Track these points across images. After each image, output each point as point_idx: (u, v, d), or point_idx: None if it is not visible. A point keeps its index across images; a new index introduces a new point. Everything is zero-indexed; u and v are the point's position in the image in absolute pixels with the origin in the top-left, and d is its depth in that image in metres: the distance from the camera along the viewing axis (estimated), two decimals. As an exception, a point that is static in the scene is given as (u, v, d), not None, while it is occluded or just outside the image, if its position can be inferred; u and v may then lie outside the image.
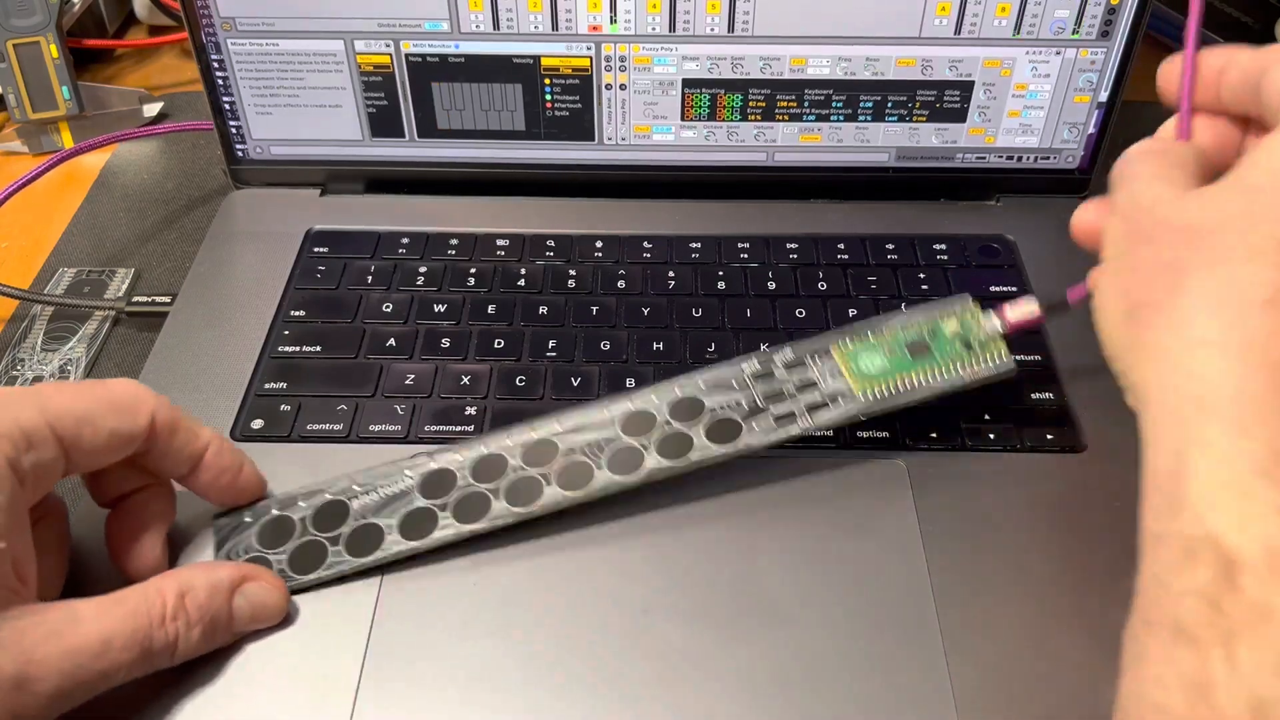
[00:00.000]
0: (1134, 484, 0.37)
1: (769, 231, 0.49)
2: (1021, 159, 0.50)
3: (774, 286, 0.46)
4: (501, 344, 0.43)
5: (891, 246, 0.48)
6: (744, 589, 0.34)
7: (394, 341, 0.43)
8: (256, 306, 0.45)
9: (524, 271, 0.47)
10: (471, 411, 0.40)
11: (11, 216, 0.53)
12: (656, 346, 0.43)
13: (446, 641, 0.33)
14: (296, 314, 0.45)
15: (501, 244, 0.48)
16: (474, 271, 0.47)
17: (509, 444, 0.36)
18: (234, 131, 0.50)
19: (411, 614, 0.34)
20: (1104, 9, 0.46)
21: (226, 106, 0.49)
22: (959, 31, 0.46)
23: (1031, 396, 0.41)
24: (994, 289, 0.46)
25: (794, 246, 0.48)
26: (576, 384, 0.41)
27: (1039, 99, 0.48)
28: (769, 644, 0.33)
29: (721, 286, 0.46)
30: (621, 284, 0.46)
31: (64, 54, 0.56)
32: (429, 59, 0.48)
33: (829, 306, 0.45)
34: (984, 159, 0.50)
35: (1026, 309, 0.36)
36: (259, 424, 0.40)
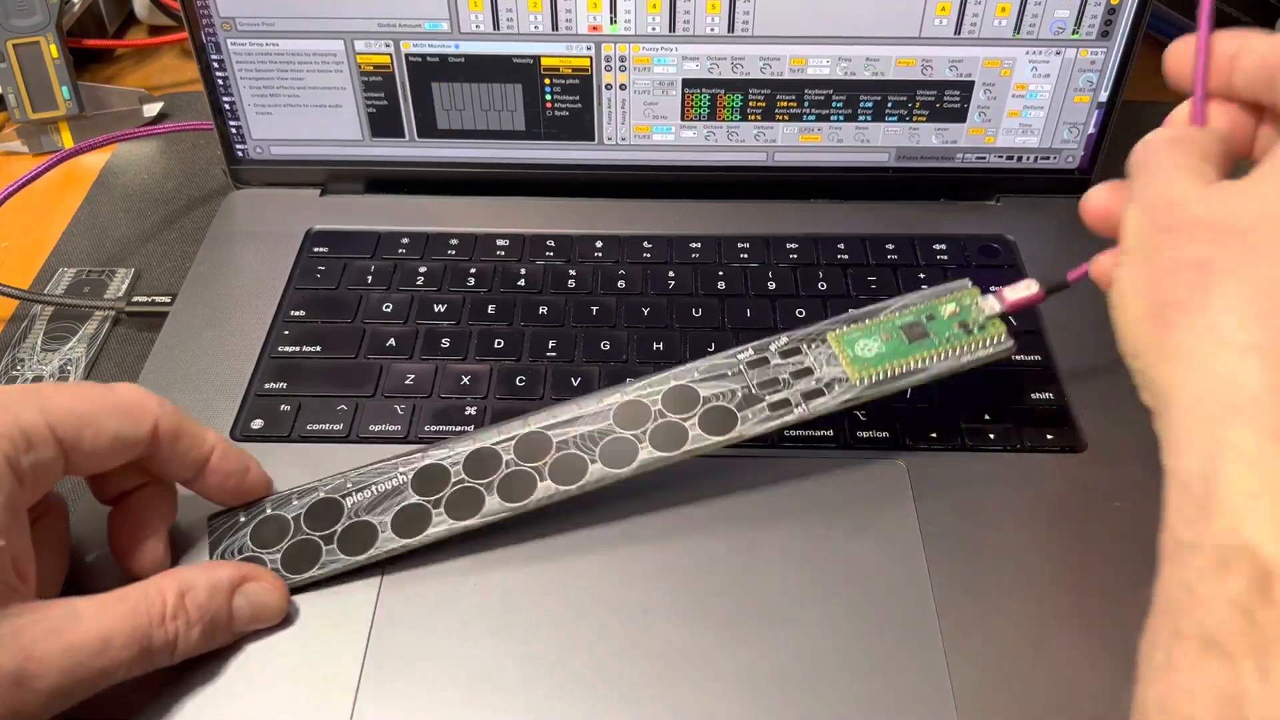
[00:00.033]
0: (1134, 484, 0.37)
1: (769, 231, 0.49)
2: (1021, 159, 0.50)
3: (774, 286, 0.46)
4: (501, 344, 0.43)
5: (891, 246, 0.48)
6: (744, 589, 0.34)
7: (394, 341, 0.43)
8: (256, 306, 0.45)
9: (524, 271, 0.47)
10: (471, 411, 0.40)
11: (11, 216, 0.53)
12: (656, 346, 0.43)
13: (446, 641, 0.33)
14: (296, 314, 0.45)
15: (501, 244, 0.48)
16: (474, 271, 0.47)
17: (502, 439, 0.36)
18: (234, 131, 0.50)
19: (411, 614, 0.34)
20: (1104, 9, 0.46)
21: (226, 106, 0.49)
22: (959, 31, 0.46)
23: (1031, 396, 0.41)
24: (994, 289, 0.46)
25: (794, 246, 0.48)
26: (576, 384, 0.41)
27: (1039, 99, 0.48)
28: (769, 644, 0.33)
29: (721, 286, 0.46)
30: (621, 284, 0.46)
31: (64, 54, 0.56)
32: (429, 59, 0.48)
33: (829, 306, 0.45)
34: (984, 159, 0.50)
35: (1026, 288, 0.36)
36: (259, 424, 0.40)
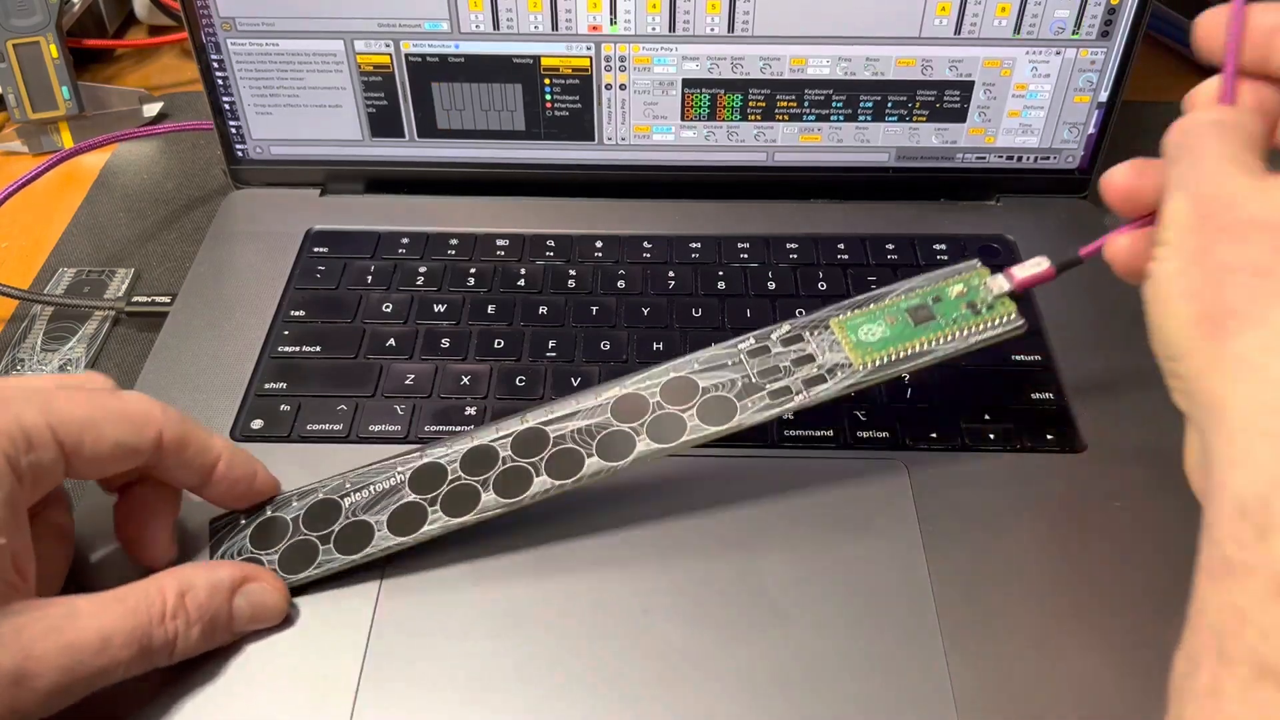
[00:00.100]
0: (1133, 484, 0.37)
1: (769, 231, 0.49)
2: (1021, 159, 0.50)
3: (774, 286, 0.46)
4: (501, 344, 0.43)
5: (891, 246, 0.48)
6: (744, 589, 0.34)
7: (394, 341, 0.43)
8: (256, 306, 0.45)
9: (524, 271, 0.47)
10: (471, 411, 0.40)
11: (11, 216, 0.53)
12: (656, 346, 0.43)
13: (446, 642, 0.33)
14: (296, 314, 0.45)
15: (501, 244, 0.48)
16: (474, 271, 0.47)
17: (500, 436, 0.36)
18: (234, 131, 0.50)
19: (411, 614, 0.34)
20: (1104, 9, 0.46)
21: (226, 106, 0.49)
22: (959, 31, 0.46)
23: (1031, 396, 0.41)
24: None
25: (794, 246, 0.48)
26: (576, 384, 0.41)
27: (1039, 99, 0.48)
28: (769, 644, 0.33)
29: (721, 286, 0.46)
30: (621, 284, 0.46)
31: (64, 54, 0.56)
32: (429, 59, 0.48)
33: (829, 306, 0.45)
34: (984, 159, 0.50)
35: (1037, 266, 0.34)
36: (259, 424, 0.40)
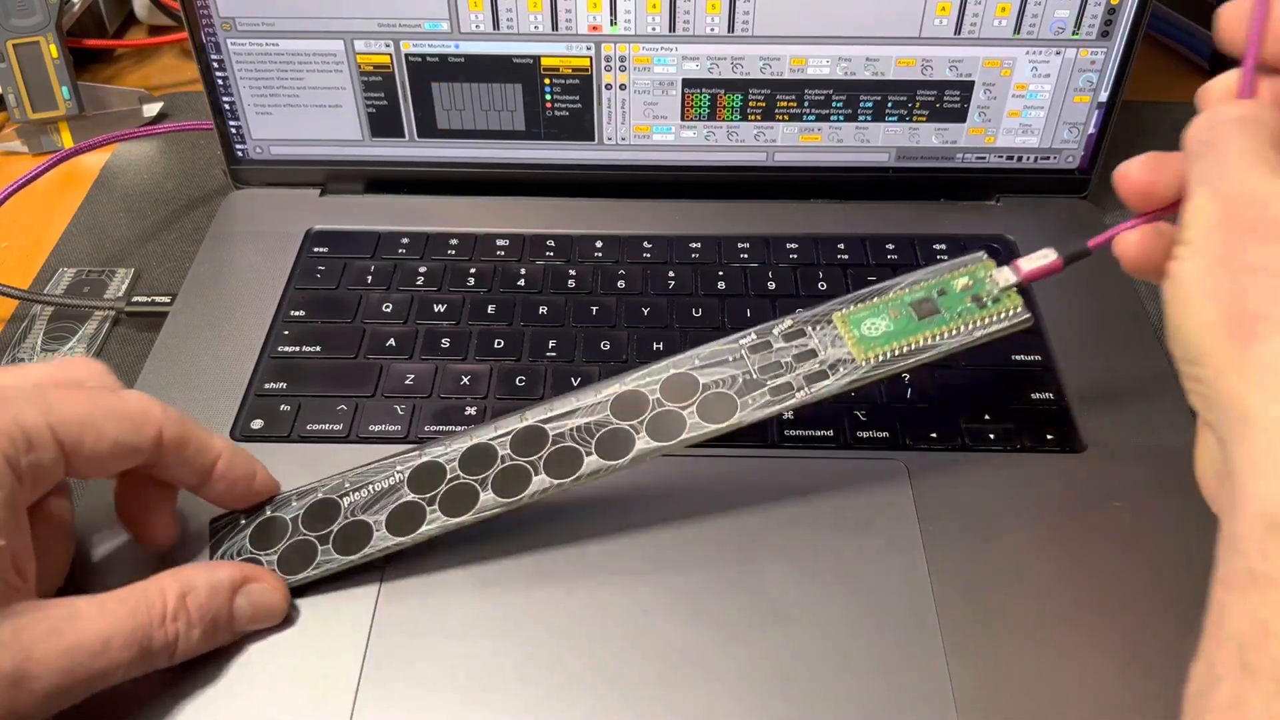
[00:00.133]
0: (1133, 484, 0.37)
1: (769, 231, 0.49)
2: (1021, 159, 0.50)
3: (774, 286, 0.46)
4: (501, 344, 0.43)
5: (891, 246, 0.48)
6: (744, 589, 0.34)
7: (394, 341, 0.43)
8: (256, 306, 0.45)
9: (524, 271, 0.47)
10: (471, 412, 0.40)
11: (11, 216, 0.53)
12: (656, 346, 0.43)
13: (446, 642, 0.33)
14: (296, 314, 0.45)
15: (501, 244, 0.48)
16: (474, 271, 0.47)
17: (499, 434, 0.35)
18: (234, 131, 0.50)
19: (411, 614, 0.34)
20: (1104, 9, 0.46)
21: (226, 106, 0.49)
22: (959, 31, 0.46)
23: (1031, 396, 0.41)
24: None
25: (794, 246, 0.48)
26: (576, 384, 0.41)
27: (1039, 99, 0.48)
28: (769, 644, 0.33)
29: (721, 286, 0.46)
30: (621, 284, 0.46)
31: (64, 54, 0.56)
32: (429, 59, 0.48)
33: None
34: (984, 159, 0.50)
35: (1044, 258, 0.34)
36: (259, 424, 0.40)
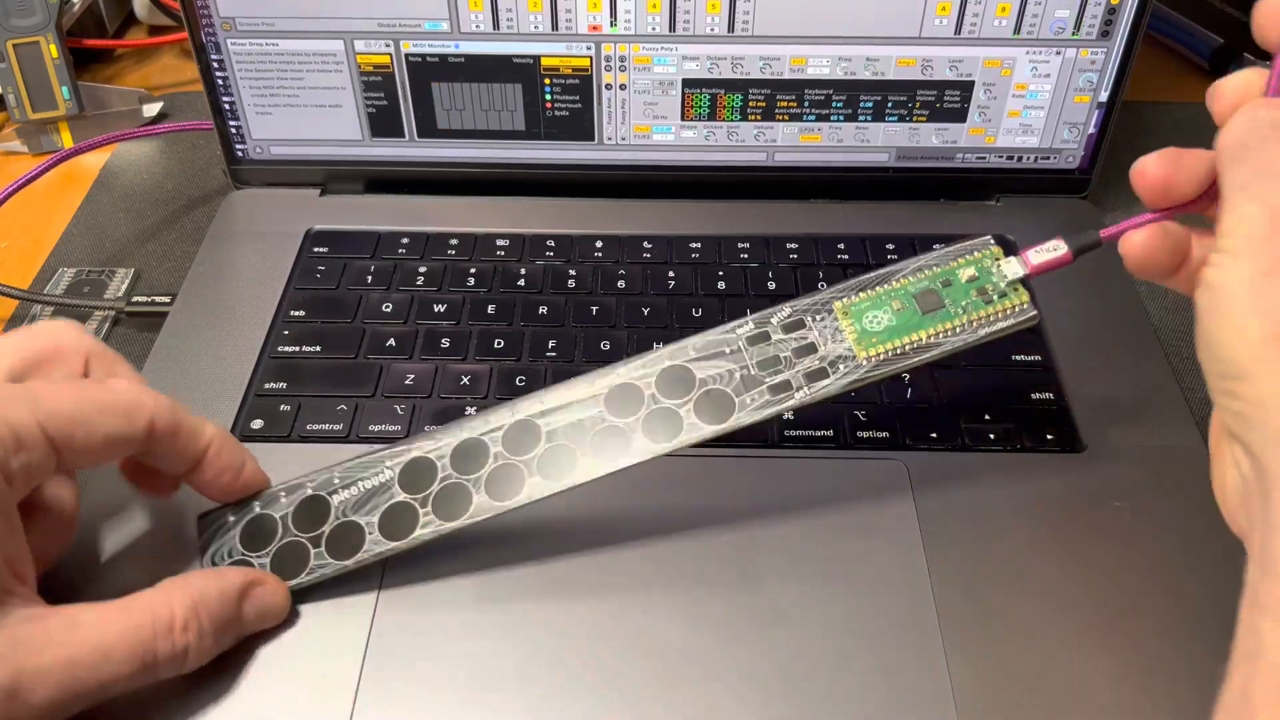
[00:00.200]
0: (1133, 484, 0.37)
1: (769, 231, 0.49)
2: (1021, 159, 0.50)
3: (774, 286, 0.46)
4: (501, 344, 0.43)
5: (892, 246, 0.48)
6: (744, 589, 0.34)
7: (394, 341, 0.43)
8: (256, 306, 0.45)
9: (524, 271, 0.47)
10: (471, 412, 0.40)
11: (11, 216, 0.53)
12: (656, 346, 0.43)
13: (446, 642, 0.33)
14: (296, 314, 0.45)
15: (501, 244, 0.48)
16: (474, 271, 0.47)
17: (490, 429, 0.34)
18: (234, 131, 0.50)
19: (411, 614, 0.34)
20: (1104, 9, 0.46)
21: (226, 106, 0.49)
22: (959, 31, 0.46)
23: (1031, 396, 0.41)
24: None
25: (794, 246, 0.48)
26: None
27: (1039, 99, 0.48)
28: (769, 644, 0.33)
29: (721, 286, 0.46)
30: (621, 284, 0.46)
31: (64, 54, 0.56)
32: (429, 59, 0.48)
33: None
34: (984, 159, 0.50)
35: (1053, 250, 0.32)
36: (259, 424, 0.40)
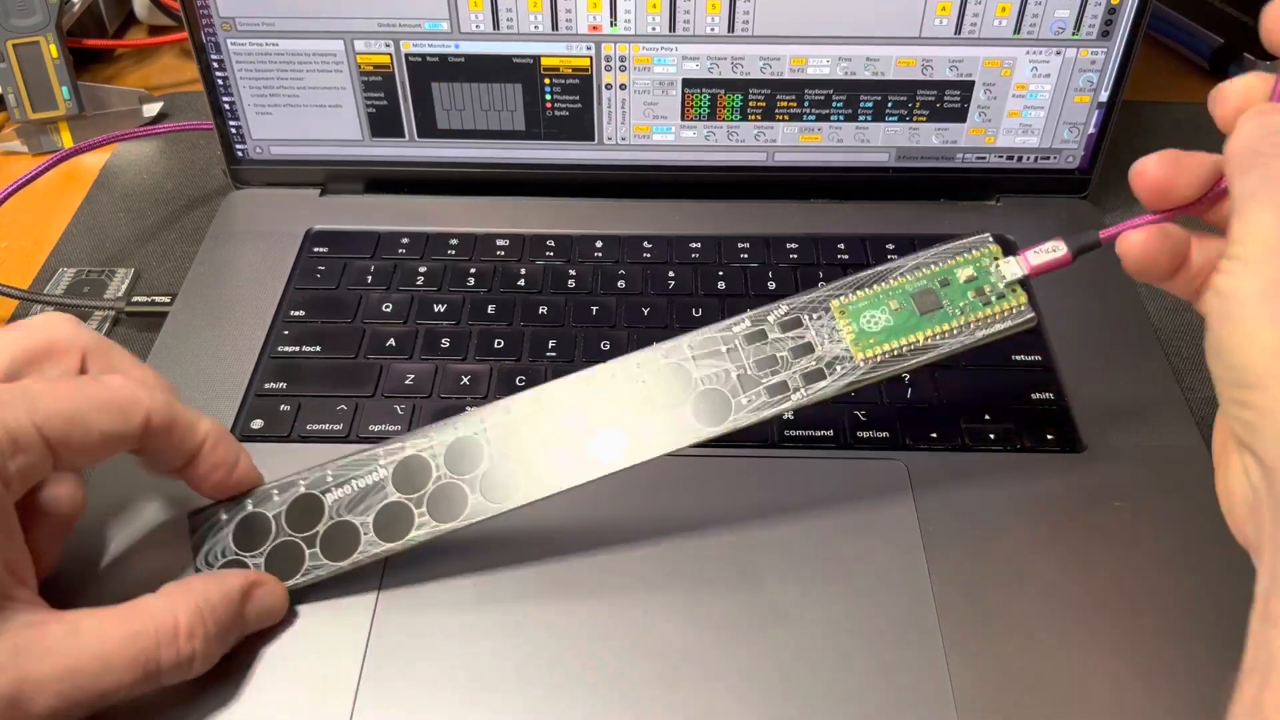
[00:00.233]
0: (1133, 484, 0.37)
1: (769, 231, 0.49)
2: (1021, 159, 0.50)
3: (774, 286, 0.46)
4: (501, 344, 0.43)
5: (892, 246, 0.48)
6: (744, 589, 0.34)
7: (394, 341, 0.43)
8: (256, 306, 0.45)
9: (524, 271, 0.47)
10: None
11: (11, 216, 0.53)
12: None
13: (446, 642, 0.33)
14: (296, 314, 0.45)
15: (501, 244, 0.48)
16: (474, 271, 0.47)
17: (484, 427, 0.34)
18: (234, 131, 0.50)
19: (411, 614, 0.34)
20: (1104, 9, 0.46)
21: (226, 106, 0.49)
22: (959, 31, 0.46)
23: (1031, 396, 0.41)
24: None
25: (794, 246, 0.48)
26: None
27: (1039, 99, 0.48)
28: (769, 644, 0.33)
29: (721, 286, 0.46)
30: (621, 284, 0.46)
31: (64, 54, 0.56)
32: (429, 59, 0.48)
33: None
34: (984, 159, 0.50)
35: (1052, 251, 0.32)
36: (259, 424, 0.40)
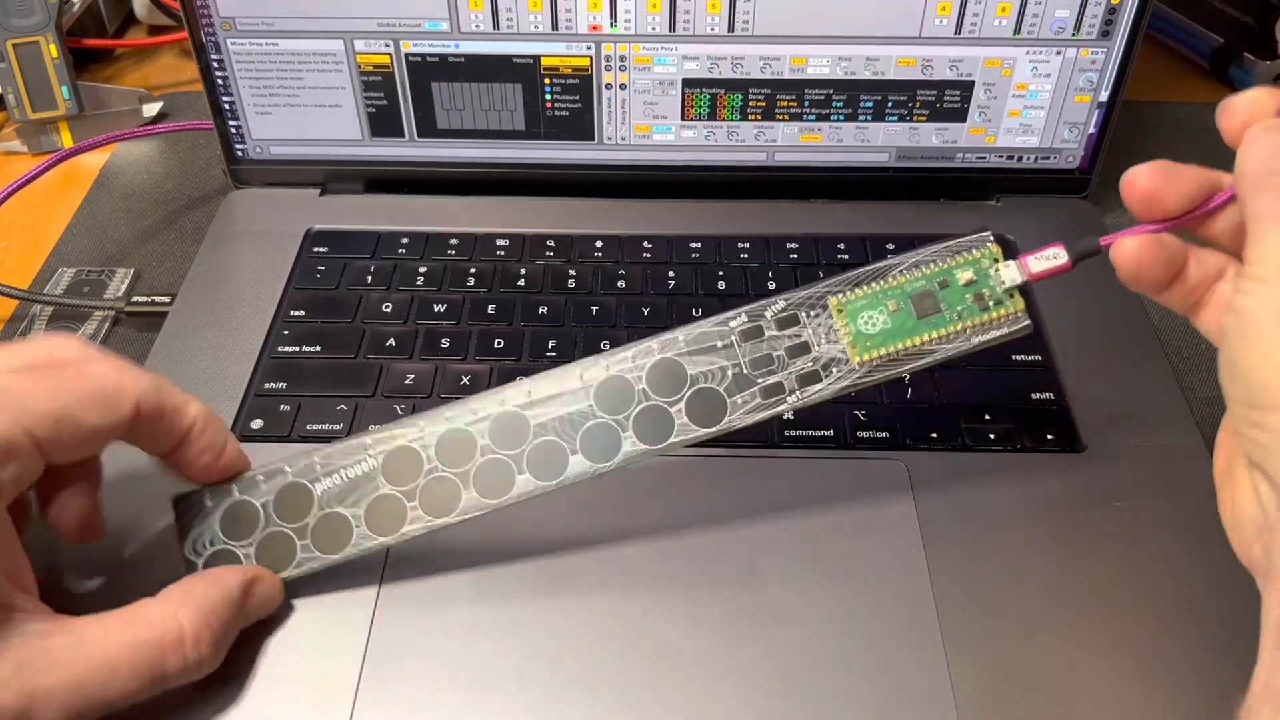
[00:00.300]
0: (1133, 484, 0.37)
1: (769, 231, 0.49)
2: (1022, 159, 0.50)
3: (774, 286, 0.46)
4: (501, 344, 0.43)
5: (892, 246, 0.48)
6: (744, 589, 0.34)
7: (394, 341, 0.43)
8: (256, 306, 0.45)
9: (524, 271, 0.47)
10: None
11: (11, 216, 0.53)
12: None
13: (446, 641, 0.33)
14: (296, 314, 0.45)
15: (501, 244, 0.48)
16: (474, 271, 0.47)
17: (476, 420, 0.33)
18: (234, 131, 0.50)
19: (411, 614, 0.34)
20: (1104, 9, 0.46)
21: (226, 106, 0.49)
22: (959, 31, 0.46)
23: (1031, 396, 0.41)
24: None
25: (794, 246, 0.48)
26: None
27: (1039, 99, 0.48)
28: (769, 644, 0.33)
29: (721, 286, 0.46)
30: (621, 284, 0.46)
31: (64, 54, 0.56)
32: (429, 59, 0.48)
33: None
34: (984, 159, 0.50)
35: (1053, 259, 0.32)
36: (259, 424, 0.40)
